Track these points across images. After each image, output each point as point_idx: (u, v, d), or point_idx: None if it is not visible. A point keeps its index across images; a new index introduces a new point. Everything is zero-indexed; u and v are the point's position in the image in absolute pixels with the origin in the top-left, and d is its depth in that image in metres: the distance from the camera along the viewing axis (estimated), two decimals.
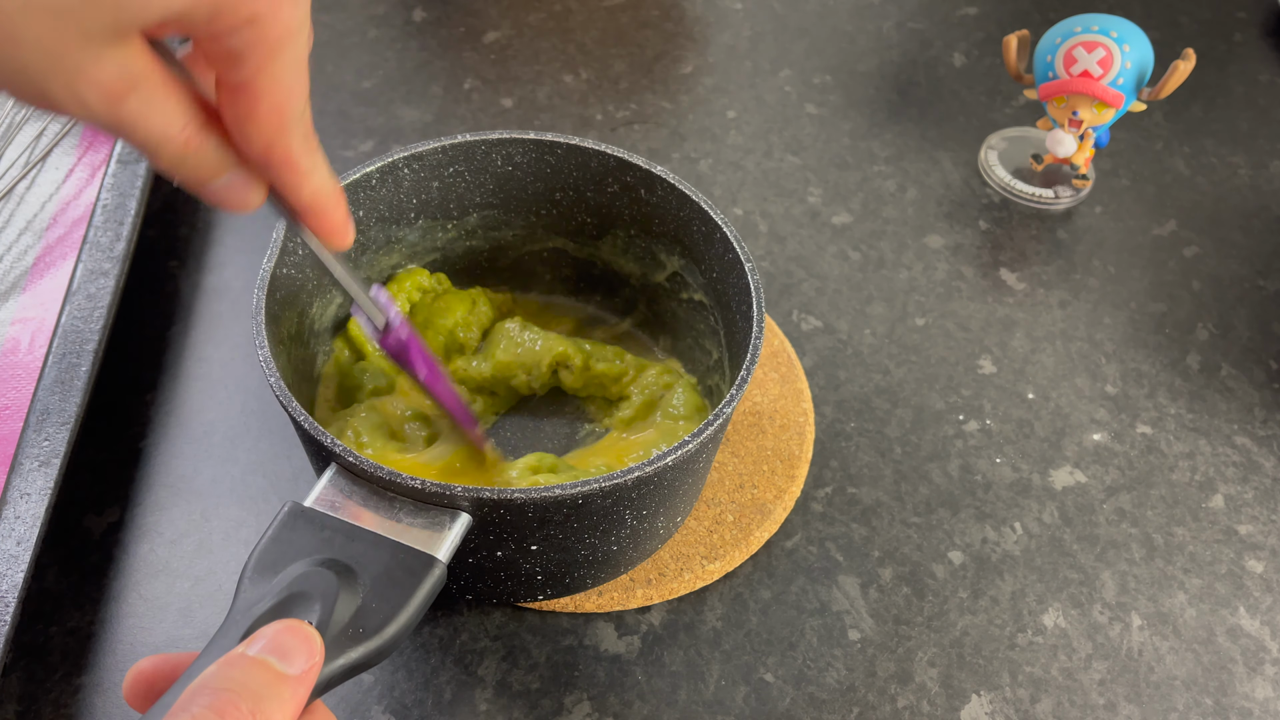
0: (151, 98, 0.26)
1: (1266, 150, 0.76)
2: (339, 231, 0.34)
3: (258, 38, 0.26)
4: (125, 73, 0.25)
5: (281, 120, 0.29)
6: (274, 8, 0.26)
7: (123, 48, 0.25)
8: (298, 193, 0.31)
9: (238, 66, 0.27)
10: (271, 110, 0.28)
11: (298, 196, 0.31)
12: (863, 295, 0.64)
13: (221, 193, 0.30)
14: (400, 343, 0.43)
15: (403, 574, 0.35)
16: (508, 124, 0.74)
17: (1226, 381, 0.61)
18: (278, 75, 0.28)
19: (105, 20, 0.24)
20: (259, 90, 0.28)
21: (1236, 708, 0.48)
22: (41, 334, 0.56)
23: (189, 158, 0.28)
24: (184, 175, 0.29)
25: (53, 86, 0.25)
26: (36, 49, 0.24)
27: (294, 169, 0.30)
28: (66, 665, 0.46)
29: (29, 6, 0.23)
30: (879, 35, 0.84)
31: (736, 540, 0.50)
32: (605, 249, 0.56)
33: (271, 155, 0.29)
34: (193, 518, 0.51)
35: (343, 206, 0.34)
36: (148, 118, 0.27)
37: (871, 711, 0.47)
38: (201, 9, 0.25)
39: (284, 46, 0.27)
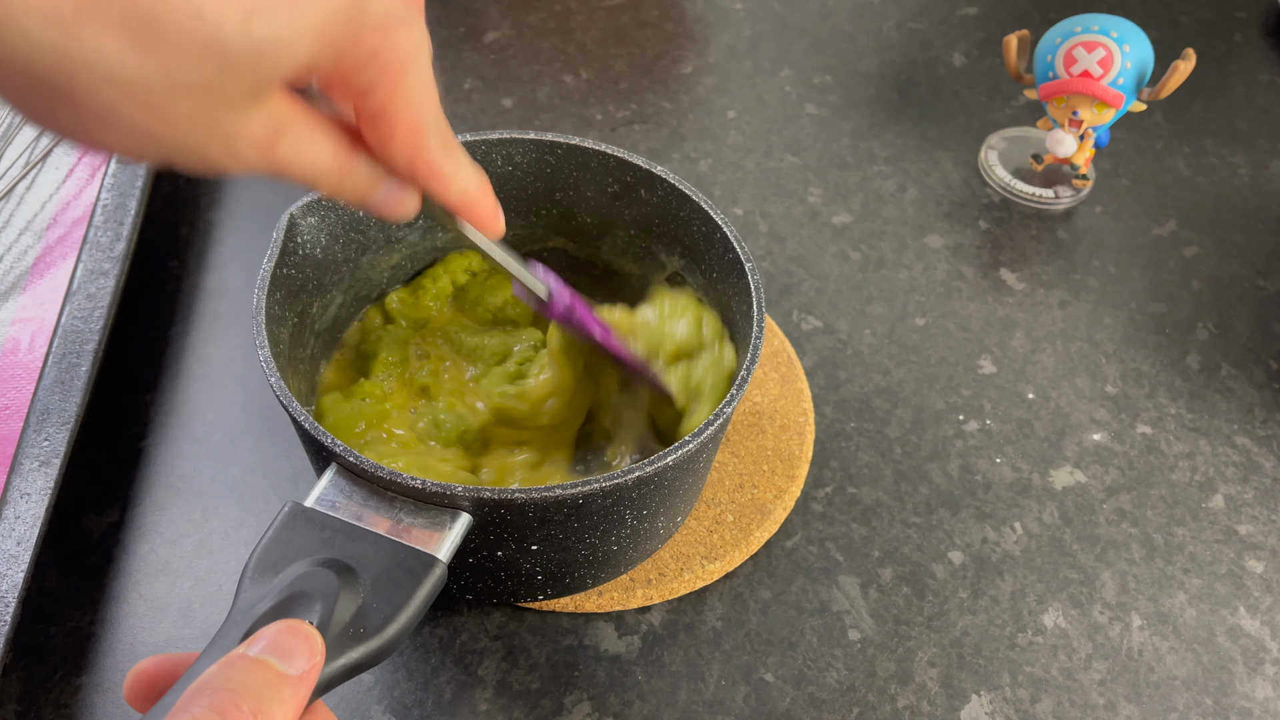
0: (299, 139, 0.29)
1: (1266, 150, 0.76)
2: (491, 220, 0.36)
3: (382, 70, 0.28)
4: (272, 124, 0.27)
5: (418, 136, 0.31)
6: (390, 39, 0.28)
7: (265, 103, 0.27)
8: (447, 194, 0.33)
9: (369, 97, 0.29)
10: (407, 130, 0.30)
11: (447, 198, 0.34)
12: (863, 295, 0.64)
13: (381, 205, 0.33)
14: (568, 308, 0.45)
15: (403, 574, 0.35)
16: (508, 124, 0.74)
17: (1226, 381, 0.61)
18: (406, 97, 0.29)
19: (245, 86, 0.26)
20: (393, 115, 0.30)
21: (1236, 708, 0.48)
22: (41, 334, 0.56)
23: (345, 181, 0.31)
24: (344, 196, 0.32)
25: (212, 151, 0.27)
26: (191, 124, 0.26)
27: (438, 176, 0.32)
28: (66, 665, 0.46)
29: (175, 89, 0.24)
30: (879, 35, 0.84)
31: (736, 540, 0.51)
32: (605, 249, 0.56)
33: (416, 168, 0.32)
34: (193, 518, 0.51)
35: (490, 197, 0.36)
36: (300, 157, 0.29)
37: (871, 711, 0.47)
38: (326, 55, 0.27)
39: (406, 71, 0.29)
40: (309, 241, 0.47)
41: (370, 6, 0.27)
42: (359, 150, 0.31)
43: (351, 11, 0.27)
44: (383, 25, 0.28)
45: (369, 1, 0.27)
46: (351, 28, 0.27)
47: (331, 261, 0.49)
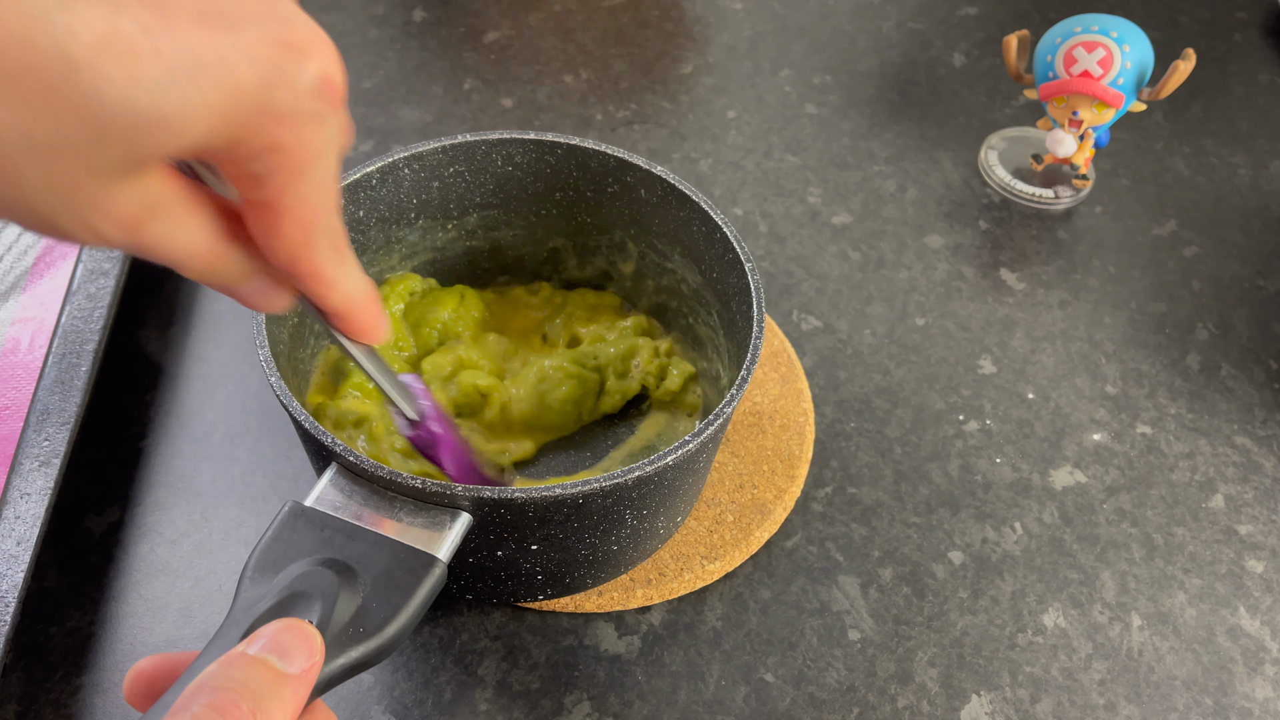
0: (172, 221, 0.25)
1: (1266, 150, 0.76)
2: (369, 332, 0.33)
3: (280, 163, 0.25)
4: (142, 203, 0.24)
5: (306, 236, 0.27)
6: (297, 133, 0.24)
7: (139, 179, 0.23)
8: (325, 301, 0.30)
9: (260, 187, 0.26)
10: (295, 228, 0.27)
11: (325, 304, 0.30)
12: (863, 295, 0.64)
13: (248, 297, 0.29)
14: (431, 437, 0.41)
15: (403, 573, 0.35)
16: (508, 124, 0.74)
17: (1226, 381, 0.61)
18: (302, 194, 0.26)
19: (115, 158, 0.22)
20: (282, 210, 0.26)
21: (1236, 708, 0.48)
22: (41, 334, 0.56)
23: (214, 270, 0.27)
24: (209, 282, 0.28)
25: (63, 221, 0.23)
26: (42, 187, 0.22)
27: (320, 280, 0.29)
28: (66, 665, 0.46)
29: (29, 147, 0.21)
30: (879, 35, 0.84)
31: (736, 540, 0.50)
32: (605, 249, 0.56)
33: (297, 268, 0.28)
34: (193, 518, 0.51)
35: (374, 307, 0.32)
36: (169, 241, 0.25)
37: (871, 711, 0.47)
38: (220, 139, 0.23)
39: (308, 168, 0.25)
40: None
41: (280, 94, 0.24)
42: (236, 240, 0.27)
43: (259, 97, 0.23)
44: (292, 117, 0.24)
45: (280, 88, 0.23)
46: (256, 115, 0.23)
47: None
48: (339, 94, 0.25)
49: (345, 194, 0.49)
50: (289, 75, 0.24)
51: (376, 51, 0.79)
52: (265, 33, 0.23)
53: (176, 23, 0.22)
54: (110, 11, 0.21)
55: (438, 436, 0.41)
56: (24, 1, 0.20)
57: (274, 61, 0.23)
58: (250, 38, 0.23)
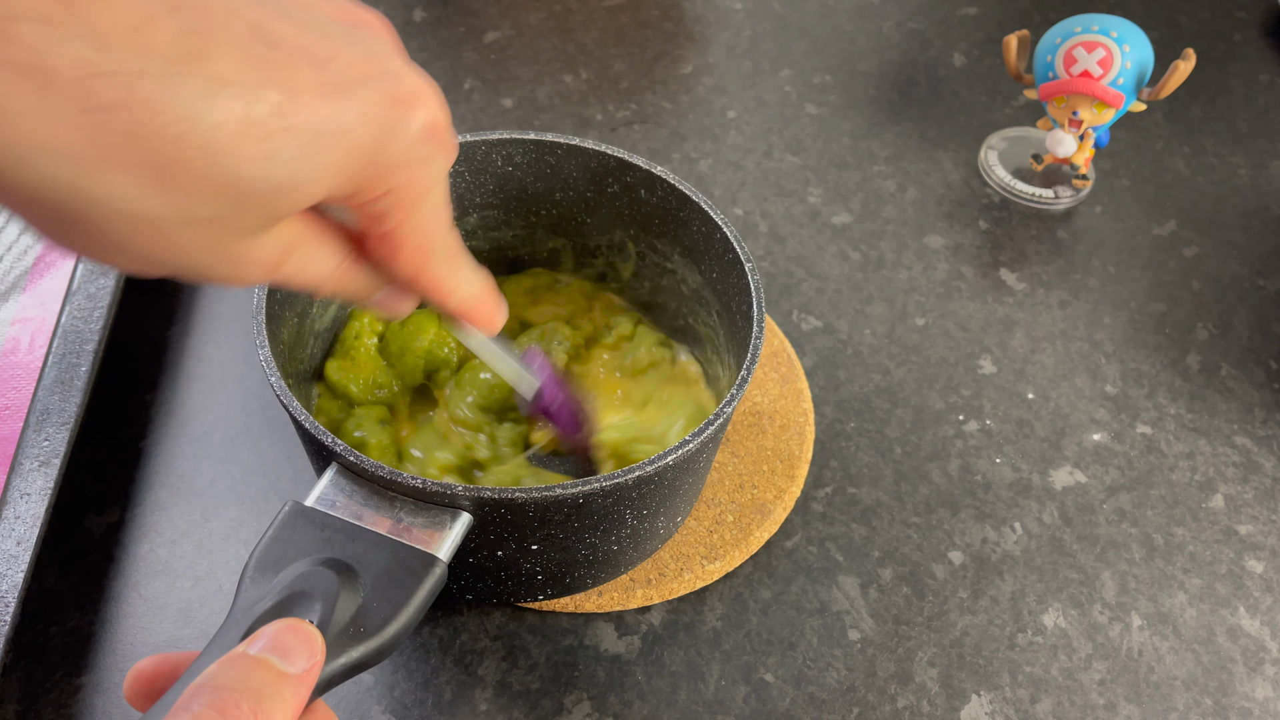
0: (306, 256, 0.28)
1: (1266, 150, 0.76)
2: (488, 322, 0.36)
3: (397, 201, 0.28)
4: (281, 247, 0.27)
5: (424, 257, 0.30)
6: (410, 176, 0.27)
7: (276, 230, 0.26)
8: (446, 305, 0.33)
9: (380, 222, 0.29)
10: (413, 252, 0.30)
11: (447, 307, 0.33)
12: (863, 295, 0.64)
13: (378, 306, 0.33)
14: (550, 409, 0.45)
15: (403, 573, 0.35)
16: (508, 124, 0.74)
17: (1226, 381, 0.61)
18: (417, 224, 0.29)
19: (257, 220, 0.25)
20: (401, 238, 0.29)
21: (1236, 708, 0.48)
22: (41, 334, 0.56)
23: (344, 287, 0.31)
24: (340, 298, 0.32)
25: (217, 272, 0.26)
26: (198, 252, 0.25)
27: (439, 289, 0.32)
28: (66, 665, 0.46)
29: (184, 222, 0.24)
30: (879, 35, 0.84)
31: (736, 540, 0.50)
32: (605, 249, 0.56)
33: (418, 283, 0.31)
34: (193, 518, 0.51)
35: (490, 300, 0.35)
36: (304, 272, 0.29)
37: (871, 711, 0.47)
38: (343, 190, 0.26)
39: (421, 202, 0.28)
40: None
41: (392, 146, 0.26)
42: (361, 259, 0.31)
43: (374, 153, 0.26)
44: (404, 164, 0.27)
45: (392, 141, 0.26)
46: (373, 167, 0.26)
47: None
48: (444, 135, 0.28)
49: None
50: (399, 128, 0.26)
51: None
52: (377, 93, 0.26)
53: (301, 100, 0.24)
54: (246, 100, 0.23)
55: (555, 409, 0.45)
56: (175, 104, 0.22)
57: (385, 119, 0.26)
58: (364, 100, 0.25)
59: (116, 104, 0.22)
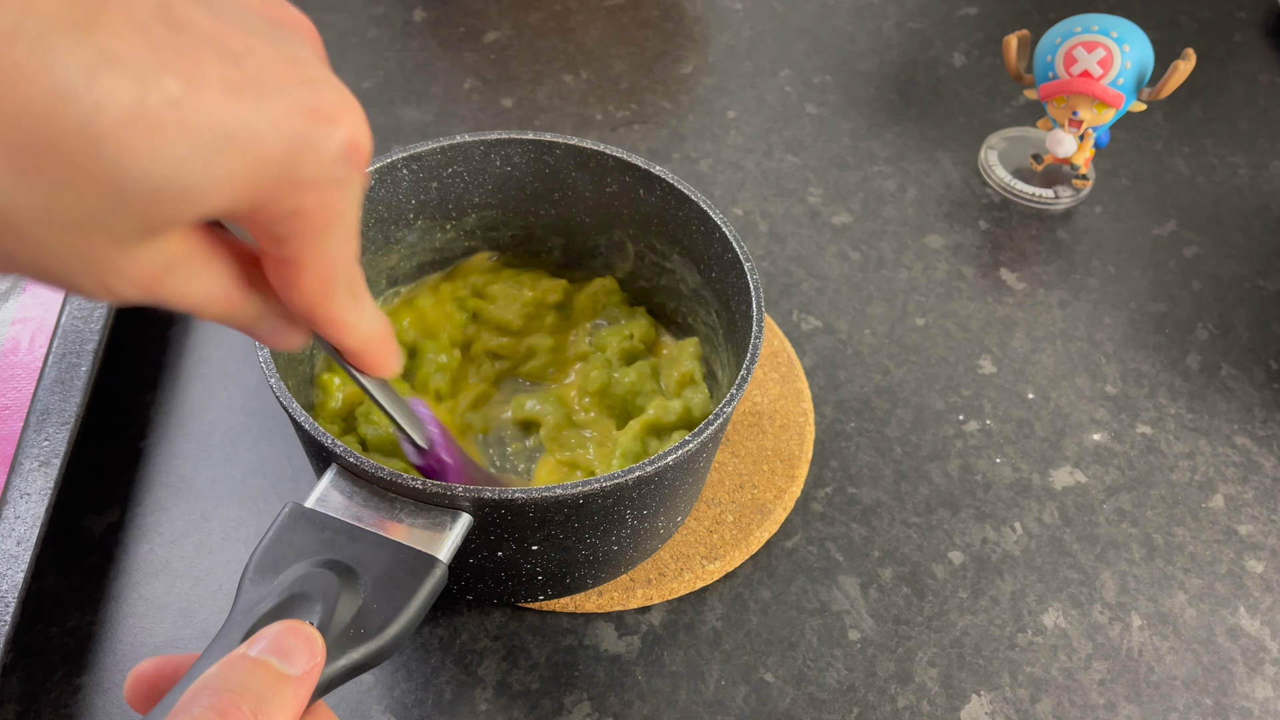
0: (189, 276, 0.25)
1: (1266, 150, 0.76)
2: (381, 368, 0.33)
3: (303, 225, 0.25)
4: (160, 262, 0.24)
5: (326, 289, 0.27)
6: (321, 199, 0.24)
7: (158, 241, 0.23)
8: (341, 343, 0.30)
9: (281, 245, 0.25)
10: (314, 281, 0.27)
11: (342, 345, 0.30)
12: (863, 295, 0.64)
13: (265, 337, 0.29)
14: (440, 465, 0.41)
15: (404, 574, 0.35)
16: (508, 124, 0.74)
17: (1226, 381, 0.61)
18: (323, 252, 0.26)
19: (134, 226, 0.22)
20: (302, 266, 0.26)
21: (1236, 708, 0.48)
22: (41, 334, 0.56)
23: (230, 315, 0.27)
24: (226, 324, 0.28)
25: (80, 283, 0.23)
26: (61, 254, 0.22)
27: (337, 325, 0.29)
28: (66, 665, 0.46)
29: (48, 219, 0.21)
30: (879, 35, 0.84)
31: (736, 540, 0.51)
32: (604, 249, 0.56)
33: (314, 315, 0.28)
34: (193, 518, 0.51)
35: (388, 344, 0.32)
36: (185, 294, 0.25)
37: (871, 711, 0.47)
38: (242, 205, 0.23)
39: (330, 229, 0.25)
40: None
41: (304, 162, 0.23)
42: (252, 284, 0.27)
43: (283, 167, 0.23)
44: (315, 185, 0.24)
45: (305, 156, 0.23)
46: (280, 183, 0.23)
47: None
48: (364, 158, 0.25)
49: None
50: (315, 144, 0.23)
51: (376, 51, 0.78)
52: (294, 101, 0.23)
53: (204, 94, 0.21)
54: (138, 85, 0.20)
55: (446, 465, 0.41)
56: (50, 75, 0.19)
57: (301, 131, 0.23)
58: (278, 106, 0.22)
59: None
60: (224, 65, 0.21)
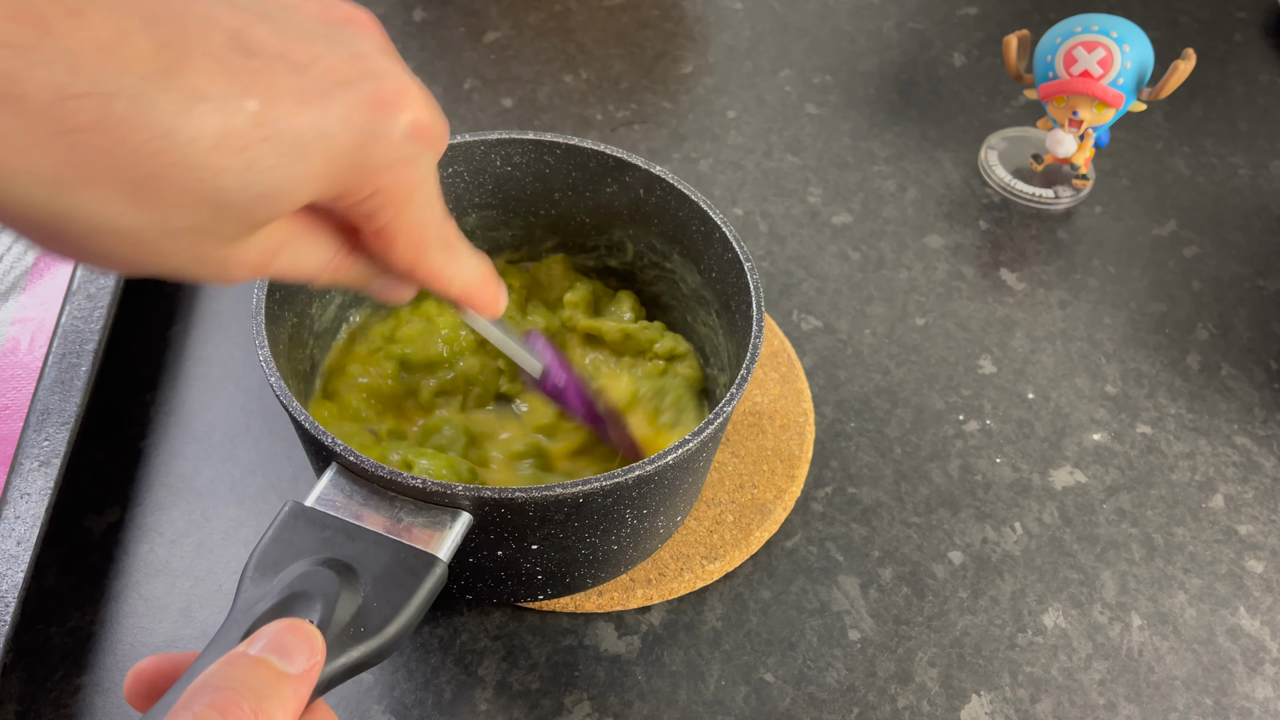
0: (296, 253, 0.28)
1: (1266, 150, 0.76)
2: (489, 307, 0.36)
3: (385, 201, 0.28)
4: (268, 248, 0.27)
5: (419, 249, 0.30)
6: (396, 177, 0.27)
7: (262, 232, 0.26)
8: (447, 293, 0.33)
9: (371, 220, 0.28)
10: (408, 245, 0.30)
11: (447, 295, 0.33)
12: (863, 295, 0.64)
13: (378, 294, 0.33)
14: (558, 388, 0.45)
15: (404, 573, 0.35)
16: (508, 124, 0.74)
17: (1226, 381, 0.61)
18: (410, 220, 0.29)
19: (239, 227, 0.25)
20: (394, 234, 0.29)
21: (1236, 708, 0.48)
22: (41, 334, 0.56)
23: (340, 279, 0.31)
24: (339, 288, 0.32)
25: (205, 274, 0.26)
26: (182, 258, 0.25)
27: (438, 278, 0.32)
28: (66, 665, 0.46)
29: (166, 232, 0.24)
30: (879, 35, 0.84)
31: (736, 540, 0.50)
32: (604, 249, 0.56)
33: (415, 274, 0.31)
34: (193, 518, 0.51)
35: (490, 284, 0.35)
36: (295, 268, 0.29)
37: (871, 711, 0.47)
38: (328, 195, 0.26)
39: (411, 199, 0.28)
40: None
41: (375, 149, 0.26)
42: (357, 250, 0.30)
43: (356, 156, 0.26)
44: (389, 166, 0.27)
45: (375, 144, 0.26)
46: (357, 170, 0.26)
47: None
48: (430, 132, 0.28)
49: None
50: (382, 131, 0.26)
51: None
52: (358, 96, 0.25)
53: (280, 108, 0.24)
54: (223, 112, 0.23)
55: (562, 388, 0.45)
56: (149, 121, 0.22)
57: (367, 122, 0.26)
58: (345, 104, 0.25)
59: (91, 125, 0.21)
60: (293, 78, 0.24)
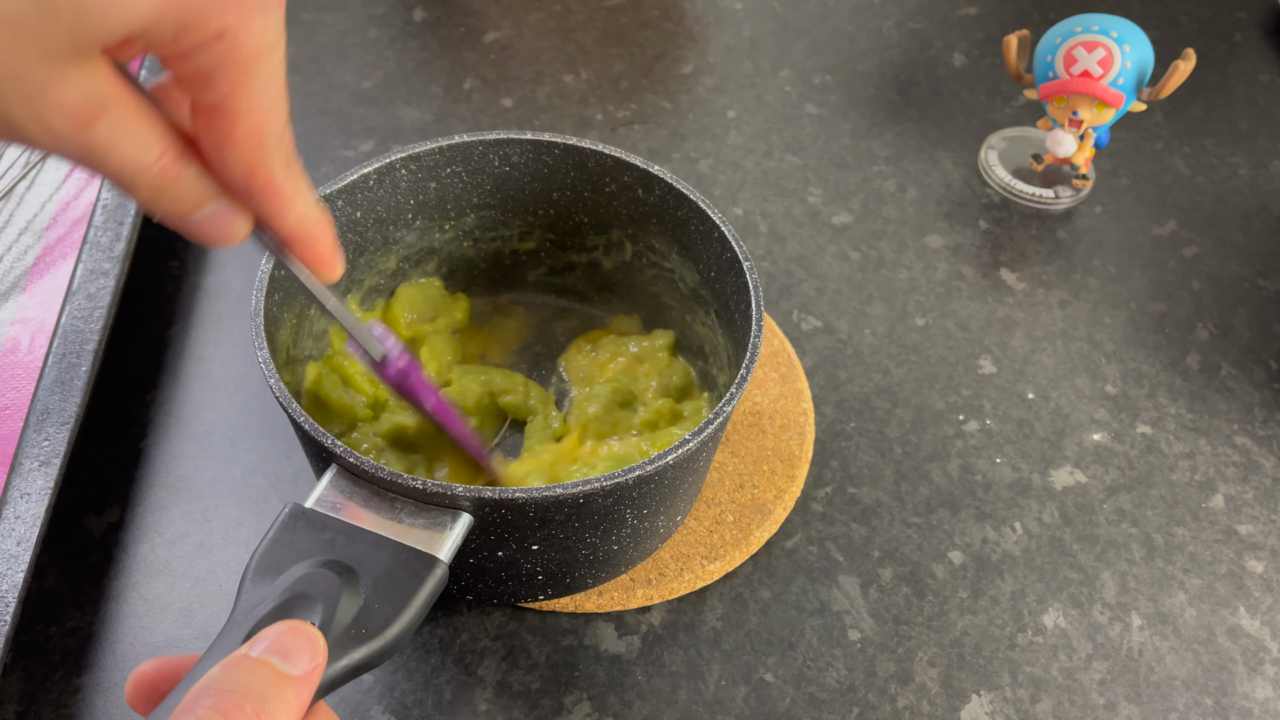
0: (123, 123, 0.25)
1: (1266, 150, 0.77)
2: (327, 261, 0.32)
3: (229, 55, 0.25)
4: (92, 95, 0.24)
5: (260, 143, 0.27)
6: (243, 21, 0.25)
7: (87, 68, 0.24)
8: (282, 220, 0.30)
9: (211, 87, 0.26)
10: (249, 132, 0.27)
11: (282, 224, 0.30)
12: (863, 295, 0.64)
13: (205, 225, 0.29)
14: (401, 373, 0.41)
15: (404, 574, 0.35)
16: (508, 124, 0.74)
17: (1226, 381, 0.61)
18: (254, 95, 0.26)
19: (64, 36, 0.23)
20: (235, 111, 0.26)
21: (1236, 708, 0.48)
22: (41, 334, 0.56)
23: (167, 188, 0.27)
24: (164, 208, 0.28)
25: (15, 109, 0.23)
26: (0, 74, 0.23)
27: (277, 194, 0.29)
28: (66, 665, 0.46)
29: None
30: (879, 35, 0.84)
31: (736, 540, 0.51)
32: (602, 249, 0.56)
33: (253, 181, 0.28)
34: (193, 518, 0.51)
35: (330, 234, 0.32)
36: (120, 144, 0.25)
37: (871, 711, 0.47)
38: (166, 23, 0.24)
39: (257, 63, 0.26)
40: None
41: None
42: (190, 159, 0.27)
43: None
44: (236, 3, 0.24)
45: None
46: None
47: None
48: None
49: (343, 195, 0.48)
50: None
51: (376, 51, 0.78)
52: None
53: None
54: None
55: (406, 370, 0.41)
56: None
57: None
58: None
59: None
60: None
